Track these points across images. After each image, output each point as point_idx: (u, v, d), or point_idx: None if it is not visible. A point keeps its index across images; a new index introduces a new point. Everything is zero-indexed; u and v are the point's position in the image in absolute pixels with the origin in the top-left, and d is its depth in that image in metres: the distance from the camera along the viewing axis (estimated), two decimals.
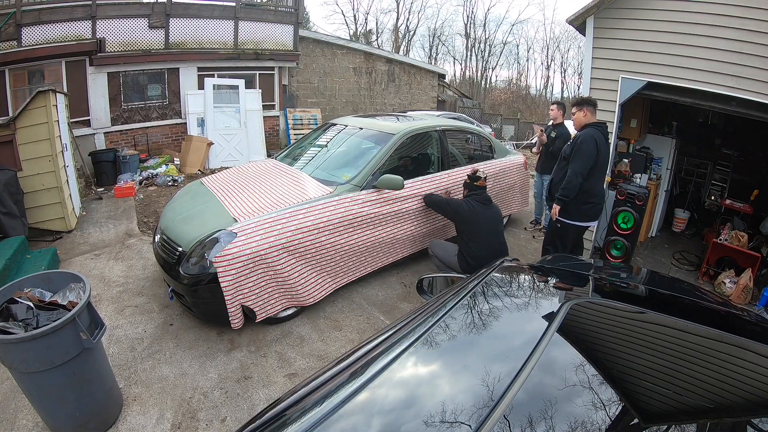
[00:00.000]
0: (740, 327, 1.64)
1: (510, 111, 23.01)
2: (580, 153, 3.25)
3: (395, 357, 1.06)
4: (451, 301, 1.33)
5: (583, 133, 3.29)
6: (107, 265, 3.86)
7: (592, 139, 3.21)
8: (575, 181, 3.25)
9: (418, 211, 3.75)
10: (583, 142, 3.24)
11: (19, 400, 2.25)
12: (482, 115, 14.82)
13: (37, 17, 6.07)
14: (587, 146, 3.22)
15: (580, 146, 3.25)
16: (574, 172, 3.25)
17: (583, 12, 3.99)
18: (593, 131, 3.26)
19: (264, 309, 2.88)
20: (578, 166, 3.24)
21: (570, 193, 3.29)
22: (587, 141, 3.22)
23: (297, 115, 9.38)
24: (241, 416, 2.28)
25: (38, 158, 4.22)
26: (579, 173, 3.24)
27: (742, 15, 3.16)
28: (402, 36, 27.47)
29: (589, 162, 3.23)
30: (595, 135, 3.24)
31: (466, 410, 0.87)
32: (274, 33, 8.67)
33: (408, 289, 3.70)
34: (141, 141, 7.58)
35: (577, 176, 3.24)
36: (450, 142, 4.23)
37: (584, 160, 3.23)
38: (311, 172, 3.60)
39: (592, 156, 3.22)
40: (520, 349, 1.05)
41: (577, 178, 3.25)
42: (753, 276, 3.97)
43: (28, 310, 1.81)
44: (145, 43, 7.21)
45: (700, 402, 1.03)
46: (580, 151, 3.24)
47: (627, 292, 1.82)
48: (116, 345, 2.77)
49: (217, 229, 2.80)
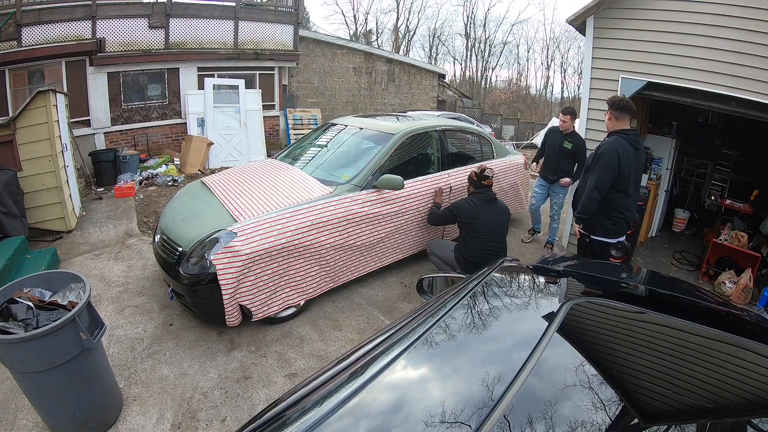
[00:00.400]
0: (740, 327, 1.63)
1: (510, 111, 23.02)
2: (598, 166, 2.91)
3: (395, 357, 1.06)
4: (451, 301, 1.33)
5: (606, 143, 2.93)
6: (107, 265, 3.86)
7: (613, 150, 2.85)
8: (592, 197, 2.93)
9: (418, 211, 3.75)
10: (603, 154, 2.89)
11: (19, 400, 2.25)
12: (482, 115, 14.83)
13: (37, 17, 6.07)
14: (607, 159, 2.86)
15: (599, 158, 2.91)
16: (591, 188, 2.93)
17: (583, 12, 3.99)
18: (618, 140, 2.88)
19: (262, 309, 2.88)
20: (595, 181, 2.91)
21: (587, 210, 2.98)
22: (608, 153, 2.86)
23: (297, 115, 9.38)
24: (241, 416, 2.28)
25: (38, 158, 4.22)
26: (596, 189, 2.91)
27: (742, 15, 3.16)
28: (402, 36, 27.49)
29: (607, 176, 2.88)
30: (619, 145, 2.85)
31: (466, 410, 0.87)
32: (274, 33, 8.67)
33: (408, 289, 3.70)
34: (141, 141, 7.58)
35: (593, 192, 2.92)
36: (450, 142, 4.23)
37: (602, 174, 2.89)
38: (311, 172, 3.60)
39: (612, 170, 2.86)
40: (520, 349, 1.05)
41: (594, 194, 2.92)
42: (753, 276, 3.97)
43: (28, 310, 1.81)
44: (145, 43, 7.21)
45: (700, 402, 1.03)
46: (599, 164, 2.91)
47: (627, 292, 1.82)
48: (116, 345, 2.77)
49: (217, 228, 2.80)
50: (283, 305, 3.01)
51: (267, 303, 2.90)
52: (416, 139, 3.93)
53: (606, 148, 2.89)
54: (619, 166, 2.86)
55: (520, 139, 15.34)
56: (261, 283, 2.81)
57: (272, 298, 2.92)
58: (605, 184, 2.90)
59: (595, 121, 4.18)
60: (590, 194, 2.94)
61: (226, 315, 2.73)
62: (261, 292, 2.84)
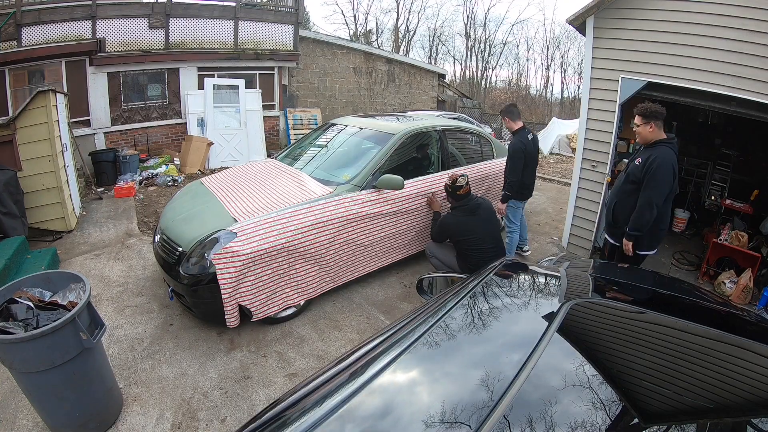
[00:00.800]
0: (740, 327, 1.64)
1: None
2: (655, 180, 2.70)
3: (395, 357, 1.06)
4: (451, 301, 1.33)
5: (659, 155, 2.72)
6: (107, 265, 3.86)
7: (670, 165, 2.69)
8: (650, 213, 2.74)
9: (418, 211, 3.75)
10: (660, 168, 2.69)
11: (19, 400, 2.25)
12: (482, 115, 14.83)
13: (37, 17, 6.07)
14: (665, 172, 2.68)
15: (656, 171, 2.70)
16: (649, 203, 2.73)
17: (583, 12, 3.99)
18: (668, 151, 2.72)
19: (262, 309, 2.88)
20: (654, 195, 2.71)
21: (644, 227, 2.80)
22: (665, 166, 2.68)
23: (297, 115, 9.38)
24: (241, 416, 2.28)
25: (38, 158, 4.22)
26: (654, 204, 2.72)
27: (742, 15, 3.15)
28: (402, 36, 27.49)
29: (665, 190, 2.73)
30: (671, 157, 2.71)
31: (466, 410, 0.87)
32: (274, 33, 8.67)
33: (408, 289, 3.70)
34: (141, 141, 7.58)
35: (652, 207, 2.73)
36: (450, 142, 4.23)
37: (661, 188, 2.70)
38: (311, 172, 3.60)
39: (670, 183, 2.72)
40: (520, 349, 1.05)
41: (653, 210, 2.73)
42: (753, 276, 3.97)
43: (28, 310, 1.81)
44: (145, 43, 7.21)
45: (700, 402, 1.03)
46: (656, 177, 2.69)
47: (627, 292, 1.82)
48: (116, 345, 2.77)
49: (217, 229, 2.80)
50: (283, 305, 3.02)
51: (267, 303, 2.90)
52: (416, 139, 3.93)
53: (662, 160, 2.70)
54: (674, 177, 2.74)
55: None
56: (261, 283, 2.81)
57: (272, 298, 2.93)
58: (663, 196, 2.75)
59: (596, 121, 4.17)
60: (648, 209, 2.74)
61: (226, 315, 2.73)
62: (261, 292, 2.84)
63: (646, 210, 2.74)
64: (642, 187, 2.78)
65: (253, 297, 2.80)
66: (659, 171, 2.69)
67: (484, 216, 3.36)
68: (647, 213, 2.74)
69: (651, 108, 2.78)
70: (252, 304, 2.81)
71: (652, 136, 2.80)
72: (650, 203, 2.73)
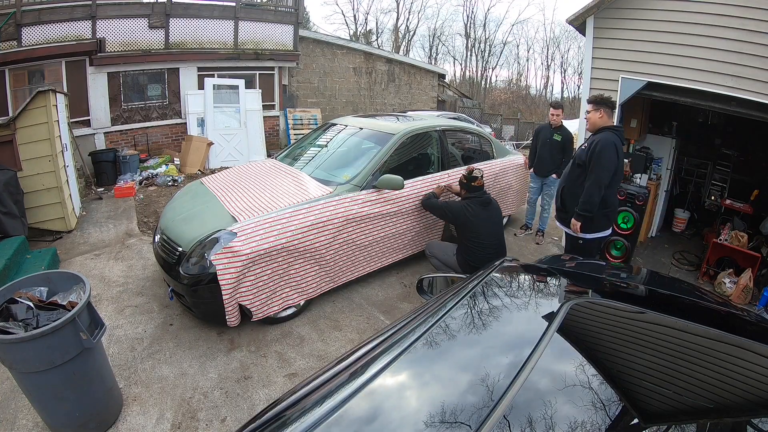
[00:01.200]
0: (740, 327, 1.63)
1: (510, 111, 22.99)
2: (600, 162, 2.87)
3: (395, 357, 1.06)
4: (451, 301, 1.33)
5: (602, 139, 2.89)
6: (107, 265, 3.86)
7: (612, 146, 2.85)
8: (598, 194, 2.91)
9: (419, 212, 3.74)
10: (604, 149, 2.85)
11: (19, 400, 2.25)
12: (482, 115, 14.82)
13: (37, 17, 6.07)
14: (608, 154, 2.85)
15: (600, 154, 2.87)
16: (596, 184, 2.90)
17: (583, 12, 3.99)
18: (613, 136, 2.88)
19: (262, 309, 2.88)
20: (599, 176, 2.88)
21: (592, 207, 2.95)
22: (608, 148, 2.84)
23: (297, 115, 9.38)
24: (241, 416, 2.28)
25: (38, 158, 4.22)
26: (600, 185, 2.89)
27: (742, 15, 3.16)
28: (402, 36, 27.49)
29: (610, 172, 2.89)
30: (615, 141, 2.87)
31: (466, 410, 0.87)
32: (274, 33, 8.67)
33: (408, 289, 3.70)
34: (141, 141, 7.58)
35: (599, 188, 2.90)
36: (450, 142, 4.22)
37: (605, 170, 2.87)
38: (311, 172, 3.60)
39: (614, 165, 2.88)
40: (519, 350, 1.05)
41: (600, 191, 2.90)
42: (753, 276, 3.97)
43: (28, 310, 1.81)
44: (145, 43, 7.21)
45: (700, 402, 1.03)
46: (601, 159, 2.86)
47: (627, 292, 1.82)
48: (116, 345, 2.77)
49: (217, 229, 2.80)
50: (283, 305, 3.02)
51: (267, 303, 2.90)
52: (416, 139, 3.93)
53: (605, 143, 2.86)
54: (618, 159, 2.89)
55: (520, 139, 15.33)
56: (261, 283, 2.81)
57: (272, 298, 2.92)
58: (607, 179, 2.90)
59: None
60: (593, 190, 2.91)
61: (226, 315, 2.73)
62: (261, 292, 2.84)
63: (594, 190, 2.91)
64: (588, 171, 2.95)
65: (253, 297, 2.80)
66: (603, 152, 2.86)
67: (493, 214, 3.40)
68: (595, 194, 2.91)
69: (602, 96, 3.02)
70: (252, 303, 2.81)
71: (601, 122, 2.98)
72: (598, 183, 2.90)
